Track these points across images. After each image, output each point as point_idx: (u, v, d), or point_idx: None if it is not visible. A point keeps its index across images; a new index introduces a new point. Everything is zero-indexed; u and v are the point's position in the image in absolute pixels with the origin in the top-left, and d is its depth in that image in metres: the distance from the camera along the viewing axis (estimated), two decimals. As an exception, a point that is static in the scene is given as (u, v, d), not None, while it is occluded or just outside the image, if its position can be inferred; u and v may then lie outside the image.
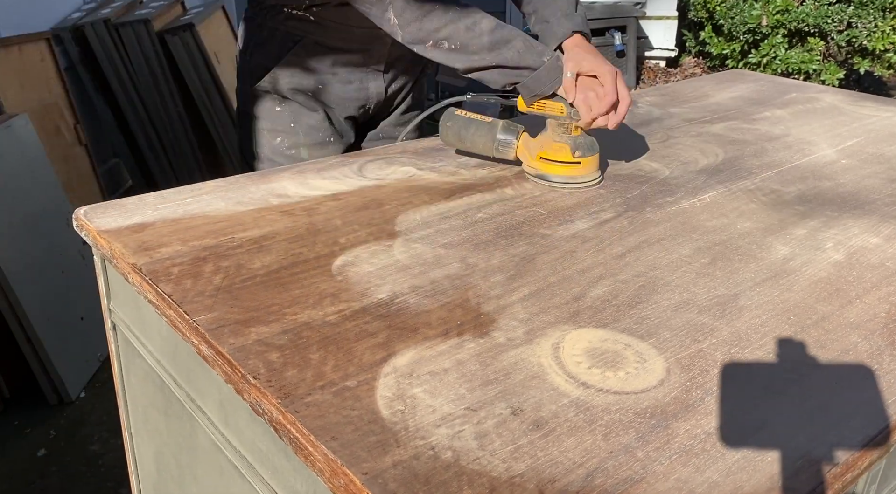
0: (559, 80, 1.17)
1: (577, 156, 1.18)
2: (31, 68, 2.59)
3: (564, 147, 1.18)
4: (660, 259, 0.98)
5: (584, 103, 1.15)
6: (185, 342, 0.81)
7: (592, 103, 1.15)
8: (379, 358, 0.75)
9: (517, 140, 1.22)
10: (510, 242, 1.01)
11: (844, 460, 0.64)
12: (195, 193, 1.12)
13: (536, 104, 1.20)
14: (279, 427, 0.67)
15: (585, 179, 1.20)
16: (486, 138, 1.23)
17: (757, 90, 1.85)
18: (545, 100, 1.19)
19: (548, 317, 0.83)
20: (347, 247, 0.97)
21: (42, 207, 2.16)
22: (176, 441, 0.99)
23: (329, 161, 1.28)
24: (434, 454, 0.62)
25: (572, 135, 1.19)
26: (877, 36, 4.27)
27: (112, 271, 1.02)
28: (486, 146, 1.23)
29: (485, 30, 1.17)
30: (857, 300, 0.90)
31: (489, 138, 1.23)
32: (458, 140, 1.26)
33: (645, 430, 0.67)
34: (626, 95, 1.16)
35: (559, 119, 1.19)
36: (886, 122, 1.60)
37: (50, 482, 1.82)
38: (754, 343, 0.80)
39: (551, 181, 1.20)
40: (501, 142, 1.22)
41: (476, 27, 1.17)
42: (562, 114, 1.18)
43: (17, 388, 2.09)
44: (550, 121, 1.20)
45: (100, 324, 1.12)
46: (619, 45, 4.94)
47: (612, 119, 1.16)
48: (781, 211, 1.14)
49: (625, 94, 1.15)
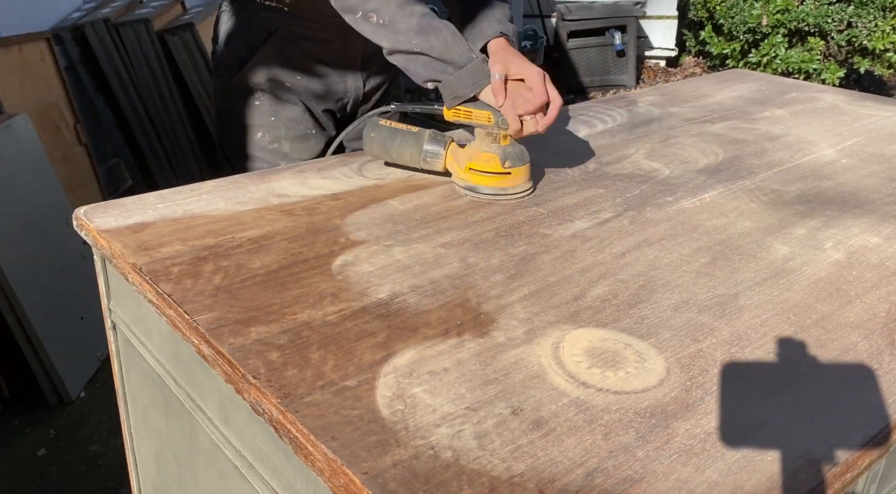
0: (482, 83, 1.13)
1: (507, 167, 1.14)
2: (31, 68, 2.59)
3: (494, 157, 1.14)
4: (660, 258, 0.98)
5: (512, 109, 1.11)
6: (185, 342, 0.81)
7: (520, 107, 1.11)
8: (379, 358, 0.75)
9: (445, 150, 1.17)
10: (510, 242, 1.01)
11: (844, 459, 0.64)
12: (195, 193, 1.12)
13: (463, 112, 1.15)
14: (279, 426, 0.67)
15: (516, 190, 1.16)
16: (412, 150, 1.18)
17: (757, 90, 1.85)
18: (471, 108, 1.14)
19: (548, 317, 0.83)
20: (347, 246, 0.98)
21: (42, 207, 2.16)
22: (176, 441, 0.99)
23: (329, 160, 1.28)
24: (434, 453, 0.62)
25: (501, 145, 1.14)
26: (877, 35, 4.27)
27: (112, 271, 1.02)
28: (413, 157, 1.18)
29: (416, 12, 1.13)
30: (857, 299, 0.90)
31: (416, 149, 1.18)
32: (383, 151, 1.21)
33: (645, 430, 0.67)
34: (557, 97, 1.12)
35: (487, 128, 1.14)
36: (886, 122, 1.60)
37: (50, 482, 1.82)
38: (754, 342, 0.80)
39: (480, 193, 1.15)
40: (428, 153, 1.17)
41: (408, 7, 1.13)
42: (489, 123, 1.13)
43: (17, 388, 2.09)
44: (479, 131, 1.15)
45: (100, 324, 1.12)
46: (619, 44, 4.94)
47: (541, 121, 1.12)
48: (781, 210, 1.14)
49: (555, 96, 1.12)
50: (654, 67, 5.48)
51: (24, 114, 2.25)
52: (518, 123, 1.12)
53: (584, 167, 1.29)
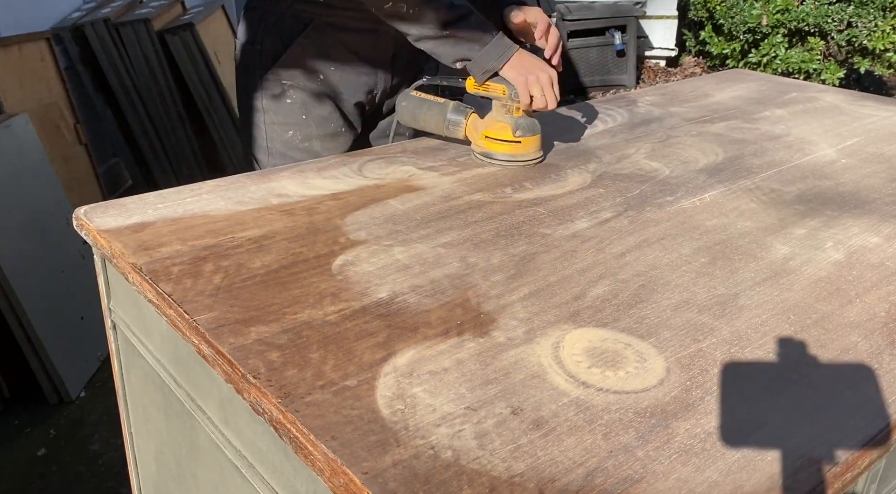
0: (507, 54, 1.24)
1: (518, 136, 1.26)
2: (31, 68, 2.59)
3: (506, 127, 1.26)
4: (660, 258, 0.98)
5: (525, 86, 1.22)
6: (185, 341, 0.81)
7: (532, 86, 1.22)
8: (379, 358, 0.75)
9: (466, 120, 1.30)
10: (510, 242, 1.01)
11: (844, 459, 0.64)
12: (195, 193, 1.12)
13: (482, 85, 1.27)
14: (279, 426, 0.67)
15: (526, 158, 1.28)
16: (437, 118, 1.31)
17: (757, 90, 1.85)
18: (489, 81, 1.26)
19: (548, 317, 0.83)
20: (347, 246, 0.97)
21: (42, 207, 2.16)
22: (176, 441, 0.99)
23: (329, 160, 1.28)
24: (434, 453, 0.62)
25: (514, 116, 1.26)
26: (877, 35, 4.27)
27: (112, 271, 1.02)
28: (438, 125, 1.31)
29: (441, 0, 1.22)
30: (856, 299, 0.90)
31: (440, 118, 1.30)
32: (412, 119, 1.34)
33: (645, 430, 0.67)
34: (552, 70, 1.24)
35: (502, 100, 1.26)
36: (887, 122, 1.60)
37: (50, 482, 1.82)
38: (754, 342, 0.80)
39: (494, 158, 1.28)
40: (451, 121, 1.30)
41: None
42: (504, 95, 1.25)
43: (17, 388, 2.09)
44: (495, 103, 1.27)
45: (100, 324, 1.12)
46: (619, 44, 4.94)
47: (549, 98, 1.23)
48: (781, 210, 1.14)
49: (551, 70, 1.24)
50: (654, 67, 5.48)
51: (24, 114, 2.25)
52: (528, 98, 1.23)
53: (584, 167, 1.29)
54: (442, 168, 1.26)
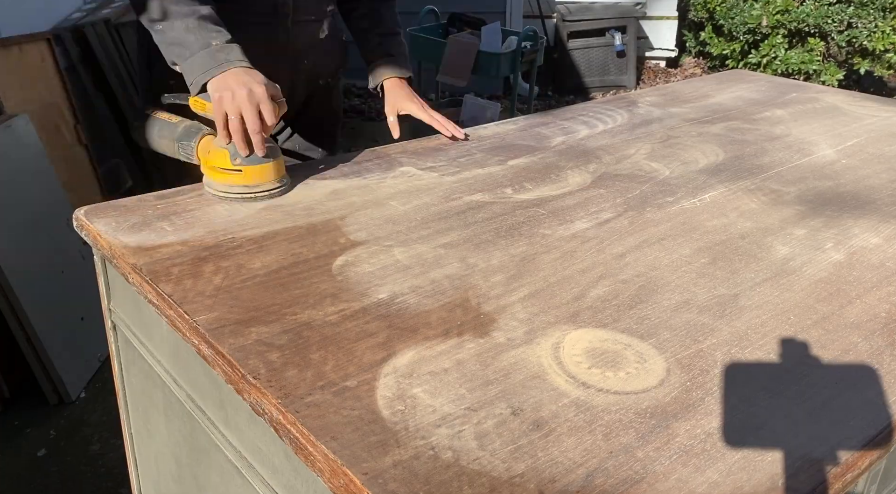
0: (214, 71, 1.05)
1: (237, 164, 1.06)
2: (31, 68, 2.59)
3: (224, 153, 1.06)
4: (660, 259, 0.98)
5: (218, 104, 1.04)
6: (185, 342, 0.81)
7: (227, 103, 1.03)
8: (379, 358, 0.75)
9: (196, 144, 1.10)
10: (510, 242, 1.00)
11: (845, 460, 0.64)
12: (195, 193, 1.12)
13: (199, 104, 1.07)
14: (279, 427, 0.67)
15: (249, 190, 1.06)
16: (168, 140, 1.12)
17: (757, 90, 1.85)
18: (206, 100, 1.07)
19: (548, 317, 0.83)
20: (348, 247, 0.97)
21: (42, 207, 2.16)
22: (176, 441, 0.99)
23: (329, 161, 1.28)
24: (434, 454, 0.62)
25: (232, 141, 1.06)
26: (877, 36, 4.27)
27: (112, 271, 1.02)
28: (170, 148, 1.12)
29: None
30: (857, 300, 0.90)
31: (171, 140, 1.12)
32: (147, 141, 1.15)
33: (645, 430, 0.67)
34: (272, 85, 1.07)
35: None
36: (887, 122, 1.60)
37: (50, 482, 1.81)
38: (754, 343, 0.80)
39: (212, 189, 1.07)
40: (182, 145, 1.11)
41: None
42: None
43: (17, 388, 2.09)
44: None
45: (100, 324, 1.12)
46: (619, 45, 4.94)
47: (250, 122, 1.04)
48: (782, 211, 1.14)
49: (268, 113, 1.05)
50: (654, 68, 5.48)
51: (25, 114, 2.25)
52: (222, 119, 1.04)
53: (584, 167, 1.29)
54: (442, 168, 1.26)
